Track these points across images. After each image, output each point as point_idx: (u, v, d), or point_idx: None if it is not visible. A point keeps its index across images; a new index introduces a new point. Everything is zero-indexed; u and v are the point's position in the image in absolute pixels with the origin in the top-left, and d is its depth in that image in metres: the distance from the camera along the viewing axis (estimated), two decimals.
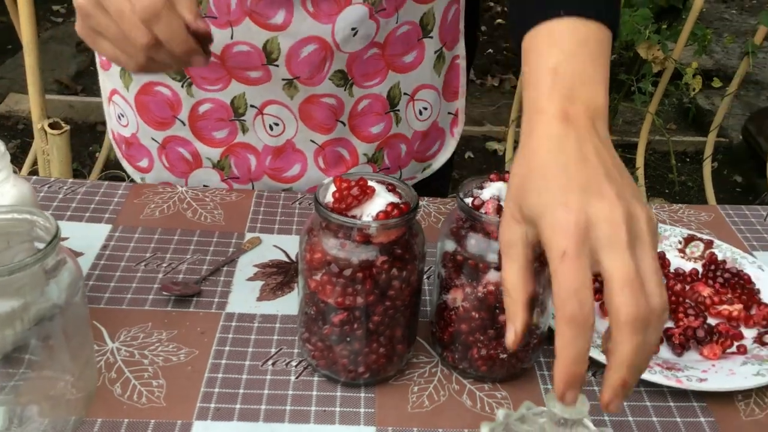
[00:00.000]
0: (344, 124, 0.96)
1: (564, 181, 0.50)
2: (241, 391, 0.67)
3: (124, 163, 1.04)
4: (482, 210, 0.64)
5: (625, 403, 0.69)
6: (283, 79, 0.90)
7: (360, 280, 0.62)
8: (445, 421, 0.66)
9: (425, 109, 1.00)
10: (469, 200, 0.65)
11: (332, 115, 0.94)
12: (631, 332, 0.46)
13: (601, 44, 0.57)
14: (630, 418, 0.67)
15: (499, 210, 0.64)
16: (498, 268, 0.64)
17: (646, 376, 0.68)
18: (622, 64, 2.86)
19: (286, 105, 0.92)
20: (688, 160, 3.26)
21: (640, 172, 2.37)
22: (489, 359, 0.68)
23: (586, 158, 0.51)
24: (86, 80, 3.34)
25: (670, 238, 0.90)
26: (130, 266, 0.82)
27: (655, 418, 0.67)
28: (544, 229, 0.49)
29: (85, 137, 2.91)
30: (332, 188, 0.63)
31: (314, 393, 0.68)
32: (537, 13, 0.58)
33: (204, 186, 0.99)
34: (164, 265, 0.82)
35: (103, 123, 1.11)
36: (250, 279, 0.82)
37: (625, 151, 2.94)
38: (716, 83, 2.85)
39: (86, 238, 0.86)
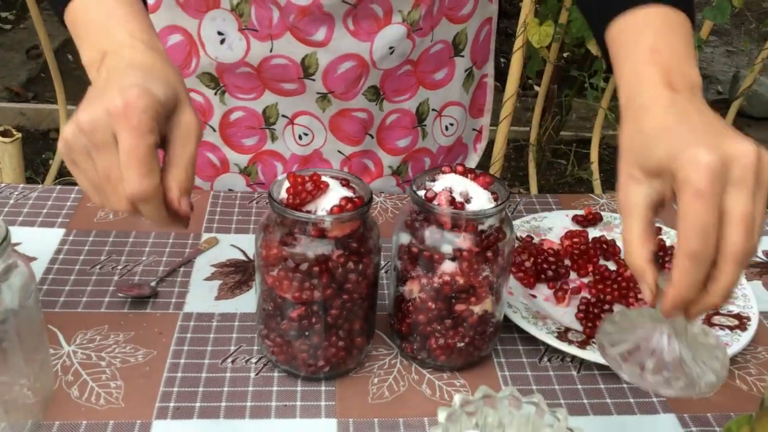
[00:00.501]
0: (372, 137, 0.97)
1: (690, 128, 0.52)
2: (201, 389, 0.67)
3: None
4: (435, 202, 0.65)
5: (579, 386, 0.70)
6: (318, 93, 0.90)
7: (316, 274, 0.63)
8: (406, 410, 0.67)
9: (452, 125, 1.02)
10: (422, 193, 0.66)
11: (362, 128, 0.95)
12: (734, 267, 0.49)
13: (687, 30, 0.62)
14: (585, 401, 0.69)
15: (452, 202, 0.65)
16: (452, 259, 0.66)
17: (598, 359, 0.70)
18: (574, 61, 2.91)
19: (317, 117, 0.93)
20: None
21: (595, 167, 2.41)
22: (447, 348, 0.69)
23: (702, 113, 0.54)
24: (37, 87, 3.28)
25: (620, 226, 0.92)
26: (85, 270, 0.81)
27: (608, 400, 0.69)
28: (681, 168, 0.50)
29: (38, 145, 2.86)
30: (286, 184, 0.64)
31: (275, 388, 0.68)
32: (627, 1, 0.63)
33: (229, 190, 0.99)
34: (119, 267, 0.82)
35: (56, 130, 1.09)
36: (208, 279, 0.81)
37: (579, 147, 2.99)
38: None
39: (39, 242, 0.84)
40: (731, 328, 0.76)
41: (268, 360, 0.70)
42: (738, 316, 0.77)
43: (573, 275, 0.85)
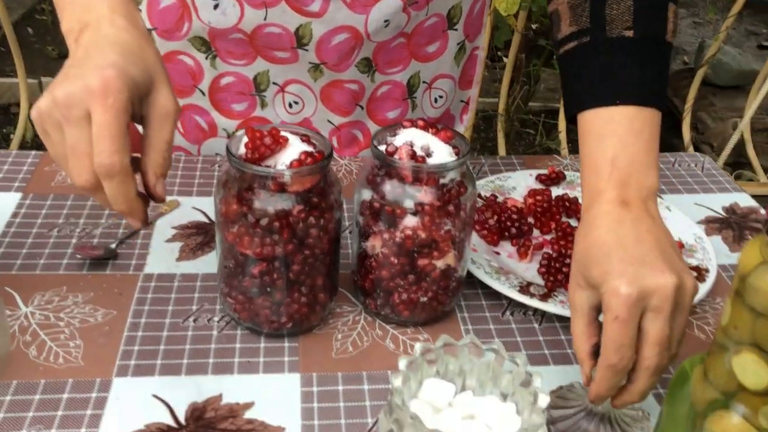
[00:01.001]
0: (362, 108, 0.97)
1: (622, 255, 0.56)
2: (162, 347, 0.67)
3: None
4: (396, 156, 0.65)
5: (540, 338, 0.71)
6: (310, 63, 0.89)
7: (277, 229, 0.62)
8: (369, 364, 0.67)
9: (441, 97, 1.02)
10: (383, 147, 0.66)
11: (353, 99, 0.95)
12: (648, 377, 0.56)
13: (653, 129, 0.62)
14: (546, 351, 0.70)
15: (413, 156, 0.65)
16: (414, 214, 0.66)
17: (559, 311, 0.71)
18: (543, 32, 2.91)
19: (308, 86, 0.92)
20: None
21: (563, 136, 2.44)
22: (410, 303, 0.70)
23: (641, 238, 0.57)
24: None
25: None
26: (43, 233, 0.80)
27: (569, 350, 0.70)
28: (605, 293, 0.55)
29: None
30: (245, 139, 0.63)
31: (237, 345, 0.68)
32: (595, 97, 0.64)
33: (216, 155, 0.98)
34: (78, 230, 0.81)
35: (17, 104, 1.06)
36: (169, 240, 0.81)
37: (548, 117, 3.01)
38: None
39: None
40: None
41: (231, 318, 0.70)
42: (697, 269, 0.79)
43: (536, 232, 0.85)
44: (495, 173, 0.98)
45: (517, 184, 0.92)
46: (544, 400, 0.53)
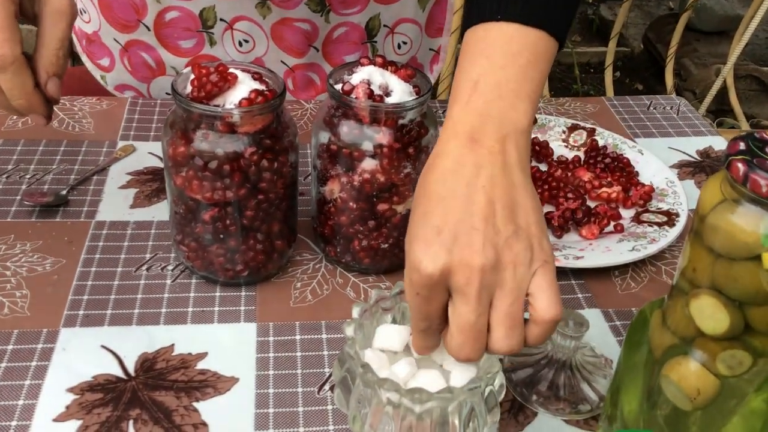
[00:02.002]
0: (317, 50, 0.92)
1: (439, 219, 0.46)
2: (113, 297, 0.64)
3: (84, 58, 0.98)
4: (352, 95, 0.62)
5: None
6: None
7: (227, 173, 0.60)
8: (328, 313, 0.65)
9: (404, 43, 0.97)
10: (339, 86, 0.63)
11: (305, 40, 0.90)
12: (457, 356, 0.47)
13: (537, 56, 0.51)
14: None
15: (370, 95, 0.62)
16: (372, 157, 0.63)
17: None
18: None
19: (257, 23, 0.88)
20: (592, 70, 3.31)
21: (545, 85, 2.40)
22: (371, 250, 0.67)
23: (472, 196, 0.46)
24: None
25: (555, 128, 0.90)
26: None
27: None
28: (407, 264, 0.47)
29: None
30: (191, 77, 0.60)
31: (191, 295, 0.65)
32: (479, 11, 0.53)
33: (166, 93, 0.94)
34: (28, 176, 0.77)
35: None
36: (123, 187, 0.77)
37: None
38: None
39: None
40: (659, 225, 0.75)
41: (185, 267, 0.67)
42: (667, 213, 0.77)
43: None
44: None
45: None
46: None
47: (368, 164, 0.63)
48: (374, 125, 0.62)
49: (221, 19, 0.88)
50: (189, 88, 0.59)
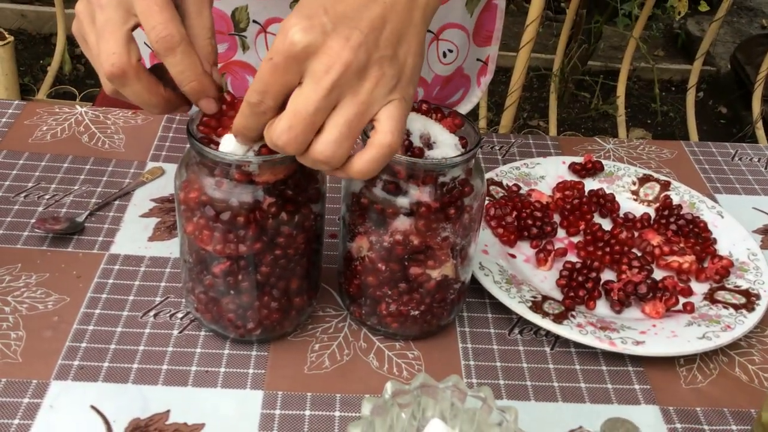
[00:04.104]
0: None
1: (330, 1, 0.45)
2: (113, 346, 0.59)
3: None
4: None
5: (551, 366, 0.61)
6: None
7: (242, 225, 0.53)
8: (345, 384, 0.58)
9: (450, 51, 0.90)
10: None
11: None
12: (275, 143, 0.46)
13: None
14: (555, 384, 0.59)
15: (408, 147, 0.54)
16: (407, 214, 0.55)
17: (575, 336, 0.61)
18: None
19: None
20: (673, 89, 3.14)
21: (621, 102, 2.26)
22: (399, 316, 0.60)
23: (371, 3, 0.46)
24: None
25: (624, 178, 0.81)
26: (8, 197, 0.72)
27: (583, 384, 0.60)
28: (281, 25, 0.45)
29: (38, 50, 2.75)
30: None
31: (198, 350, 0.59)
32: None
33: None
34: (47, 197, 0.73)
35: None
36: (145, 215, 0.72)
37: (608, 78, 2.82)
38: (703, 7, 2.71)
39: None
40: (736, 308, 0.65)
41: (195, 317, 0.61)
42: (746, 293, 0.67)
43: (561, 233, 0.74)
44: (525, 156, 0.86)
45: (547, 172, 0.80)
46: None
47: (402, 223, 0.56)
48: (411, 181, 0.54)
49: (254, 21, 0.81)
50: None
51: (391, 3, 0.46)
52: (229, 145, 0.52)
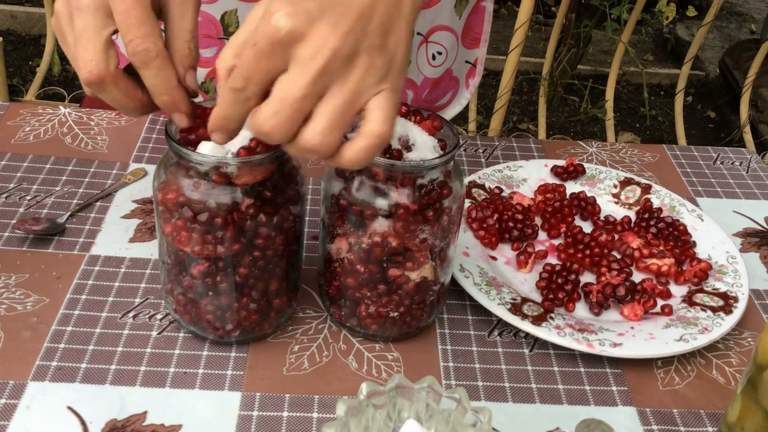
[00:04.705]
0: None
1: None
2: (91, 347, 0.59)
3: None
4: None
5: (529, 367, 0.61)
6: None
7: (220, 226, 0.53)
8: (324, 386, 0.58)
9: (439, 53, 0.90)
10: (353, 135, 0.56)
11: None
12: (264, 139, 0.45)
13: None
14: (533, 385, 0.60)
15: (387, 149, 0.54)
16: (386, 216, 0.55)
17: (554, 338, 0.61)
18: None
19: None
20: (662, 93, 3.16)
21: (609, 105, 2.28)
22: (379, 317, 0.60)
23: None
24: None
25: (605, 181, 0.81)
26: None
27: (561, 386, 0.60)
28: (264, 9, 0.44)
29: (27, 51, 2.74)
30: None
31: (176, 352, 0.59)
32: None
33: None
34: (28, 197, 0.73)
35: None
36: (126, 216, 0.72)
37: (597, 83, 2.83)
38: (691, 12, 2.73)
39: None
40: (714, 310, 0.66)
41: (174, 318, 0.61)
42: (724, 296, 0.67)
43: (542, 236, 0.74)
44: (509, 159, 0.87)
45: (529, 175, 0.81)
46: None
47: (380, 225, 0.56)
48: (389, 183, 0.55)
49: None
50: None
51: None
52: (207, 147, 0.52)
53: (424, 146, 0.55)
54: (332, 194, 0.58)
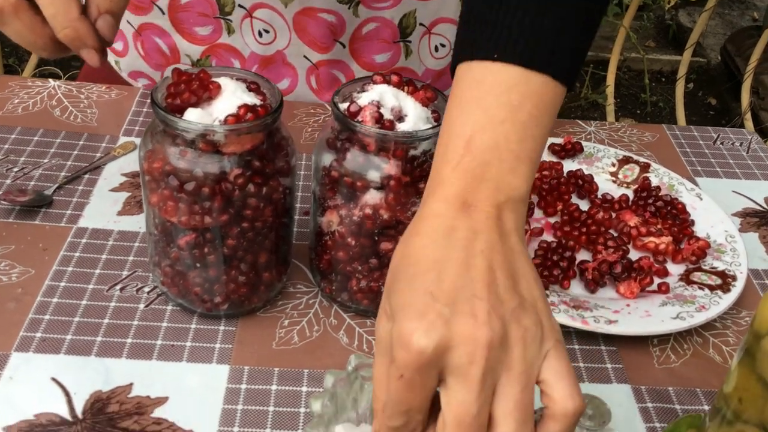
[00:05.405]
0: (344, 46, 0.84)
1: (432, 284, 0.39)
2: (77, 319, 0.58)
3: None
4: (359, 118, 0.53)
5: None
6: None
7: (207, 196, 0.52)
8: (314, 360, 0.57)
9: (443, 45, 0.88)
10: (344, 105, 0.54)
11: (330, 33, 0.82)
12: None
13: (540, 109, 0.43)
14: None
15: (378, 119, 0.53)
16: (378, 188, 0.54)
17: None
18: None
19: (278, 12, 0.81)
20: (663, 79, 3.14)
21: (610, 91, 2.26)
22: (370, 292, 0.59)
23: (470, 260, 0.40)
24: None
25: (603, 159, 0.80)
26: None
27: None
28: (393, 339, 0.39)
29: None
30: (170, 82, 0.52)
31: (164, 324, 0.58)
32: (471, 46, 0.45)
33: None
34: (15, 169, 0.71)
35: None
36: (115, 189, 0.71)
37: (598, 68, 2.81)
38: None
39: None
40: (711, 288, 0.65)
41: (162, 291, 0.60)
42: (722, 274, 0.66)
43: (538, 213, 0.73)
44: None
45: None
46: None
47: (372, 197, 0.55)
48: (381, 154, 0.53)
49: (240, 5, 0.80)
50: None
51: (488, 247, 0.40)
52: (193, 114, 0.50)
53: (417, 117, 0.54)
54: (323, 166, 0.57)
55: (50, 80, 0.84)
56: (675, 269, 0.68)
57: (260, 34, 0.83)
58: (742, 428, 0.32)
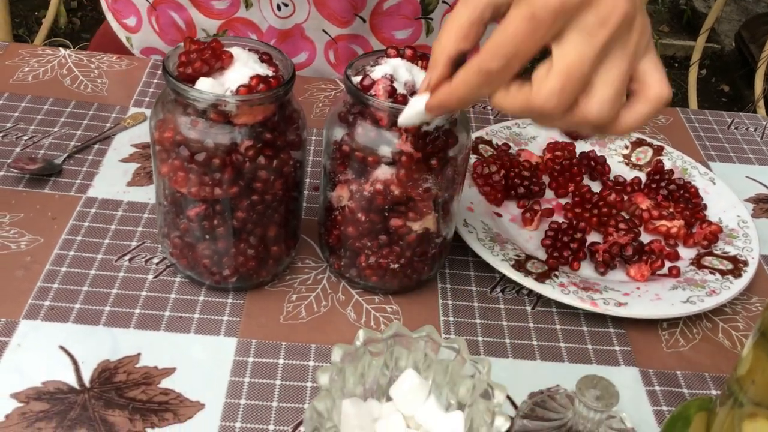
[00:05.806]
0: (364, 21, 0.84)
1: None
2: (86, 288, 0.57)
3: (109, 17, 0.91)
4: (371, 92, 0.53)
5: (531, 325, 0.60)
6: None
7: (217, 167, 0.52)
8: (321, 335, 0.57)
9: None
10: (357, 79, 0.54)
11: (350, 7, 0.82)
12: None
13: None
14: (534, 342, 0.59)
15: (391, 93, 0.53)
16: (389, 164, 0.54)
17: (557, 296, 0.59)
18: None
19: None
20: (676, 65, 3.11)
21: None
22: (379, 269, 0.59)
23: None
24: None
25: (616, 141, 0.79)
26: None
27: (562, 344, 0.59)
28: None
29: (34, 1, 2.70)
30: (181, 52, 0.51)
31: (172, 296, 0.58)
32: None
33: None
34: (25, 137, 0.71)
35: None
36: (125, 160, 0.70)
37: None
38: None
39: None
40: (723, 273, 0.64)
41: (171, 263, 0.60)
42: (734, 260, 0.66)
43: (549, 194, 0.73)
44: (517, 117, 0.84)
45: (538, 133, 0.79)
46: (503, 425, 0.42)
47: (383, 173, 0.54)
48: (394, 129, 0.53)
49: None
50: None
51: None
52: (205, 84, 0.50)
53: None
54: (335, 140, 0.56)
55: (61, 49, 0.83)
56: (686, 253, 0.68)
57: (279, 8, 0.82)
58: (754, 410, 0.32)
